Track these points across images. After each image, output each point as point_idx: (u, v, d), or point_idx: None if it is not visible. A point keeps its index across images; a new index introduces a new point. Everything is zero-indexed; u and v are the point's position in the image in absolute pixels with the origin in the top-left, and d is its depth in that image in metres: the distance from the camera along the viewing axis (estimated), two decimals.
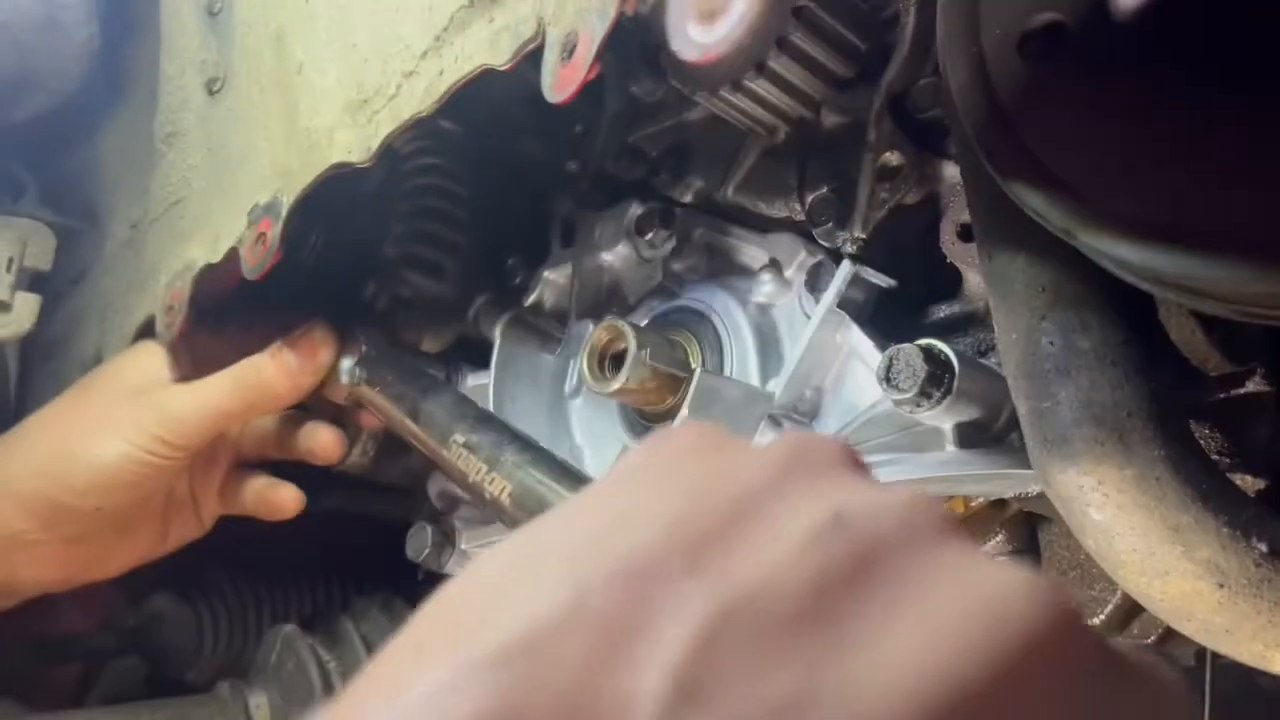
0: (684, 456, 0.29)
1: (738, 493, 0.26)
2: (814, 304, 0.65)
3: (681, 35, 0.61)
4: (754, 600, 0.23)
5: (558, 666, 0.22)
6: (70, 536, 0.85)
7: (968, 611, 0.23)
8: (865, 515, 0.25)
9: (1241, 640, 0.45)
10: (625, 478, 0.29)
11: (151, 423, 0.81)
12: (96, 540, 0.87)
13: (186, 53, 0.86)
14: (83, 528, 0.85)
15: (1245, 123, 0.35)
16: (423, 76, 0.61)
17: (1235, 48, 0.35)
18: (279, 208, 0.72)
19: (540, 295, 0.84)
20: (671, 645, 0.22)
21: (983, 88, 0.42)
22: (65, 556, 0.87)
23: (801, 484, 0.27)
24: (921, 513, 0.26)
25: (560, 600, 0.23)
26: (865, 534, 0.24)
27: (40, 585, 0.88)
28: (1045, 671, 0.23)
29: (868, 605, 0.23)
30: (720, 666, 0.22)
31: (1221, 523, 0.45)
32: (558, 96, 0.53)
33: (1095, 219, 0.38)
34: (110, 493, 0.83)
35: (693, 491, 0.26)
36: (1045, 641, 0.23)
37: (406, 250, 0.87)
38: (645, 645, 0.22)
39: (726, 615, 0.22)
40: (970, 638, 0.22)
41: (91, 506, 0.83)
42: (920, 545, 0.25)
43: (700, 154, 0.75)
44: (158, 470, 0.83)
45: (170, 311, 0.83)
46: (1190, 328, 0.50)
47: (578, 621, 0.22)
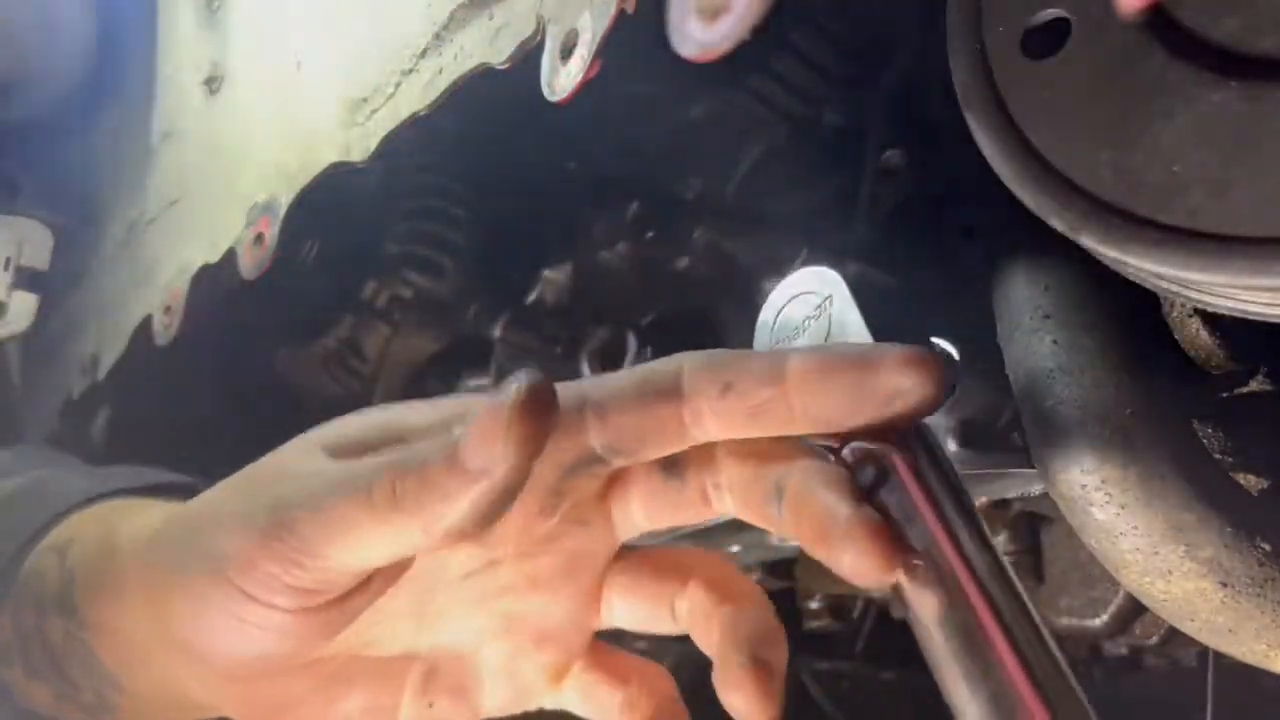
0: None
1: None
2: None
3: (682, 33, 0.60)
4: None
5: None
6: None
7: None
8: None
9: (1244, 640, 0.45)
10: None
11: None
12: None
13: (184, 51, 0.86)
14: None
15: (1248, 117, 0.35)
16: (422, 75, 0.61)
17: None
18: (277, 207, 0.72)
19: (540, 295, 0.84)
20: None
21: (985, 85, 0.41)
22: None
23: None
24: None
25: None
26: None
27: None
28: None
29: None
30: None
31: (1225, 522, 0.44)
32: (556, 95, 0.52)
33: (1099, 217, 0.38)
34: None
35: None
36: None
37: (406, 250, 0.87)
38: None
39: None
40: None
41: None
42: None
43: (701, 153, 0.75)
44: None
45: (168, 312, 0.83)
46: (1194, 326, 0.49)
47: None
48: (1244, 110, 0.35)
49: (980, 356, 0.58)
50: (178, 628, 0.46)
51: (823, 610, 0.98)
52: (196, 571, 0.44)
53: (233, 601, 0.43)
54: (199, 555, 0.45)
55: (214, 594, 0.43)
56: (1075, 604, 0.77)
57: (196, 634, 0.45)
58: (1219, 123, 0.35)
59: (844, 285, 0.46)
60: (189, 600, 0.45)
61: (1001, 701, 0.37)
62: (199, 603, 0.44)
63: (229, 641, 0.44)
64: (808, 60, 0.61)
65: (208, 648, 0.45)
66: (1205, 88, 0.36)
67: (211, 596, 0.43)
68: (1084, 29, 0.39)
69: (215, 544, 0.44)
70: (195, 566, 0.44)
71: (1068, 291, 0.48)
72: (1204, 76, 0.36)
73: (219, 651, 0.45)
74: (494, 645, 0.49)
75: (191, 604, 0.45)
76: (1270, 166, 0.34)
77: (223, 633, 0.44)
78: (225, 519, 0.44)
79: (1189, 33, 0.37)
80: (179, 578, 0.46)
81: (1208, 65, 0.36)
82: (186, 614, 0.45)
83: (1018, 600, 0.38)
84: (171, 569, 0.47)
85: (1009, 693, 0.36)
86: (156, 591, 0.48)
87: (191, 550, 0.46)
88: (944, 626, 0.39)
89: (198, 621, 0.45)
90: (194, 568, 0.45)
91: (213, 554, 0.44)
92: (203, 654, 0.46)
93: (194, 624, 0.45)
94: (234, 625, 0.44)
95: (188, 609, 0.45)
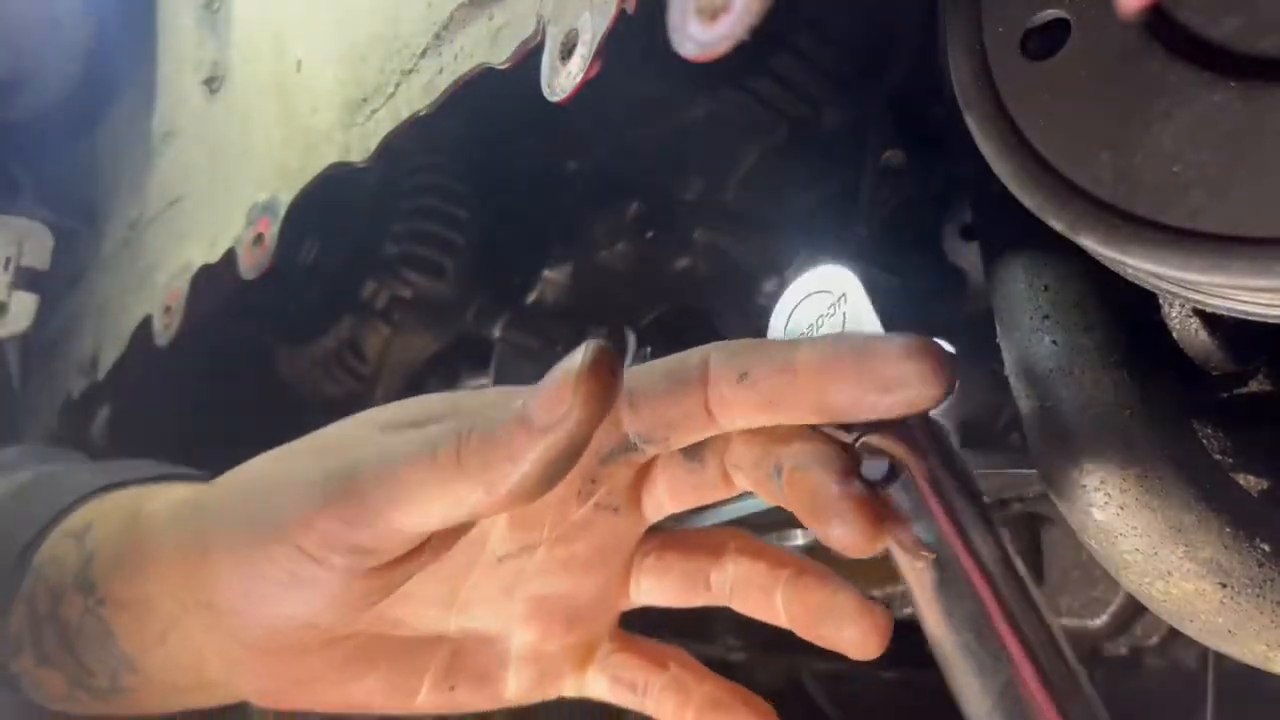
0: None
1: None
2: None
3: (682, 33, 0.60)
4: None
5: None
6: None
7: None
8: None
9: (1244, 641, 0.45)
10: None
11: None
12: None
13: (184, 51, 0.86)
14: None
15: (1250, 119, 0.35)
16: (422, 75, 0.61)
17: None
18: (277, 207, 0.72)
19: (540, 295, 0.84)
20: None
21: (985, 85, 0.41)
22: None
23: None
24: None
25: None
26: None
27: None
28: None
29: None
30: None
31: (1224, 522, 0.44)
32: (556, 95, 0.52)
33: (1098, 217, 0.38)
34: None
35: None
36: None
37: (406, 250, 0.87)
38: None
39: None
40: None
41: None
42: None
43: (701, 153, 0.75)
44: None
45: (168, 312, 0.83)
46: (1193, 327, 0.49)
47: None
48: (1244, 110, 0.35)
49: (980, 356, 0.58)
50: (220, 591, 0.46)
51: None
52: (251, 532, 0.45)
53: (290, 561, 0.43)
54: (253, 517, 0.45)
55: (269, 554, 0.44)
56: (1075, 604, 0.77)
57: (243, 597, 0.45)
58: (1219, 123, 0.35)
59: (858, 282, 0.46)
60: (238, 562, 0.45)
61: (1010, 696, 0.37)
62: (250, 564, 0.45)
63: (277, 605, 0.45)
64: (808, 60, 0.61)
65: (252, 612, 0.46)
66: (1205, 88, 0.36)
67: (266, 557, 0.44)
68: (1083, 29, 0.39)
69: (273, 506, 0.44)
70: (249, 528, 0.45)
71: (1067, 292, 0.48)
72: (1204, 76, 0.36)
73: (263, 615, 0.46)
74: (523, 630, 0.50)
75: (241, 566, 0.45)
76: (1270, 166, 0.34)
77: (272, 595, 0.45)
78: (285, 484, 0.45)
79: (1188, 33, 0.37)
80: (227, 540, 0.46)
81: (1207, 65, 0.36)
82: (234, 576, 0.45)
83: (1027, 596, 0.39)
84: (218, 532, 0.47)
85: (1018, 687, 0.37)
86: (195, 556, 0.48)
87: (244, 513, 0.46)
88: (953, 621, 0.39)
89: (246, 584, 0.45)
90: (248, 529, 0.45)
91: (270, 516, 0.44)
92: (243, 620, 0.46)
93: (241, 586, 0.45)
94: (285, 587, 0.44)
95: (235, 571, 0.45)
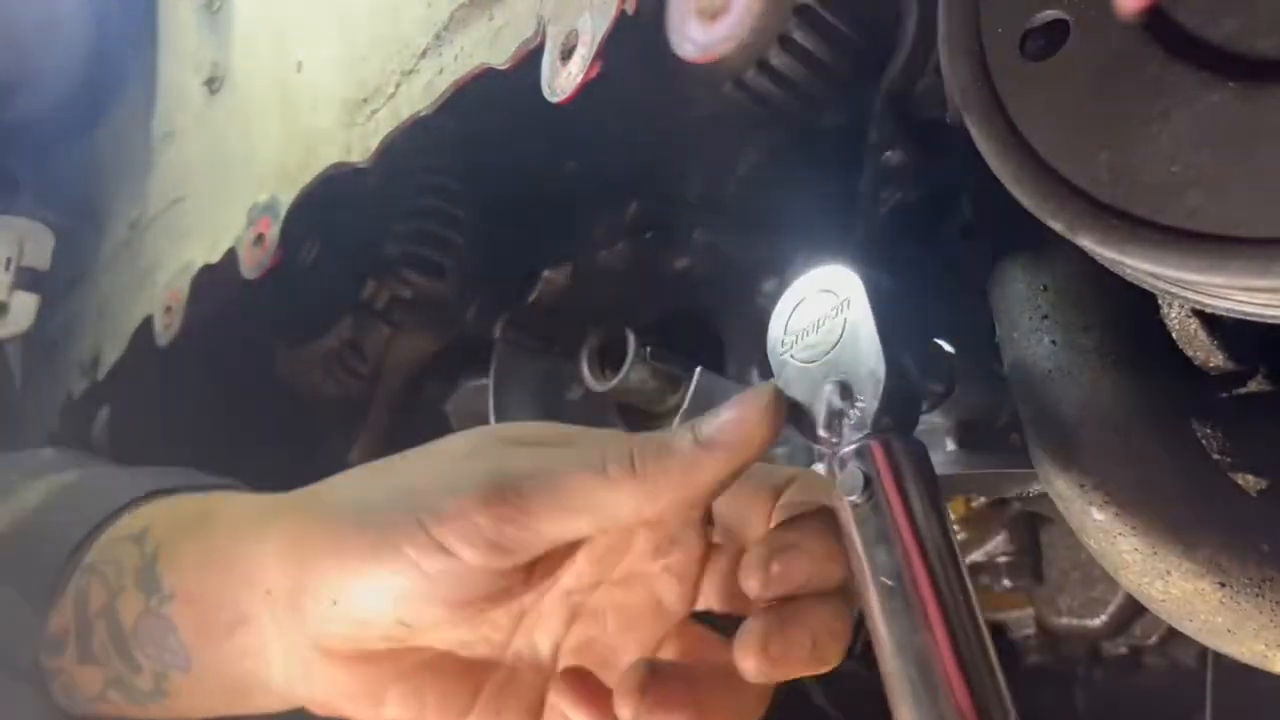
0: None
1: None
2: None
3: (682, 33, 0.60)
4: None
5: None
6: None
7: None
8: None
9: (1243, 640, 0.45)
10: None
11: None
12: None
13: (185, 51, 0.86)
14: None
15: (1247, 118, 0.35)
16: (422, 75, 0.61)
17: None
18: (278, 207, 0.72)
19: (540, 295, 0.84)
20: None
21: (984, 86, 0.42)
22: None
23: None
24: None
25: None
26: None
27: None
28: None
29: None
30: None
31: (1223, 522, 0.44)
32: (556, 96, 0.52)
33: (1097, 217, 0.38)
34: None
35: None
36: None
37: (406, 250, 0.87)
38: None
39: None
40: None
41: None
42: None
43: (701, 153, 0.75)
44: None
45: (168, 312, 0.83)
46: (1192, 327, 0.49)
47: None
48: (1243, 110, 0.35)
49: (980, 356, 0.58)
50: (328, 579, 0.48)
51: None
52: (381, 520, 0.48)
53: (418, 549, 0.46)
54: (384, 508, 0.48)
55: (397, 540, 0.46)
56: (1075, 604, 0.77)
57: (356, 583, 0.48)
58: (1218, 123, 0.35)
59: (862, 290, 0.46)
60: (361, 548, 0.48)
61: None
62: (376, 550, 0.47)
63: (381, 599, 0.47)
64: (807, 60, 0.61)
65: (352, 605, 0.48)
66: (1203, 88, 0.36)
67: (393, 543, 0.46)
68: (1082, 30, 0.39)
69: (411, 498, 0.47)
70: (381, 517, 0.48)
71: (1066, 292, 0.48)
72: (1202, 77, 0.36)
73: (361, 610, 0.48)
74: (569, 662, 0.52)
75: (365, 552, 0.47)
76: (1269, 166, 0.34)
77: (388, 583, 0.47)
78: (430, 482, 0.48)
79: (1187, 33, 0.37)
80: (353, 527, 0.49)
81: (1206, 66, 0.36)
82: (350, 561, 0.48)
83: (979, 634, 0.40)
84: (341, 521, 0.50)
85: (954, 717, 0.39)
86: (300, 552, 0.50)
87: (373, 502, 0.49)
88: (902, 651, 0.40)
89: (365, 567, 0.47)
90: (379, 517, 0.48)
91: (407, 506, 0.47)
92: (339, 614, 0.48)
93: (357, 571, 0.48)
94: (405, 576, 0.46)
95: (354, 556, 0.48)
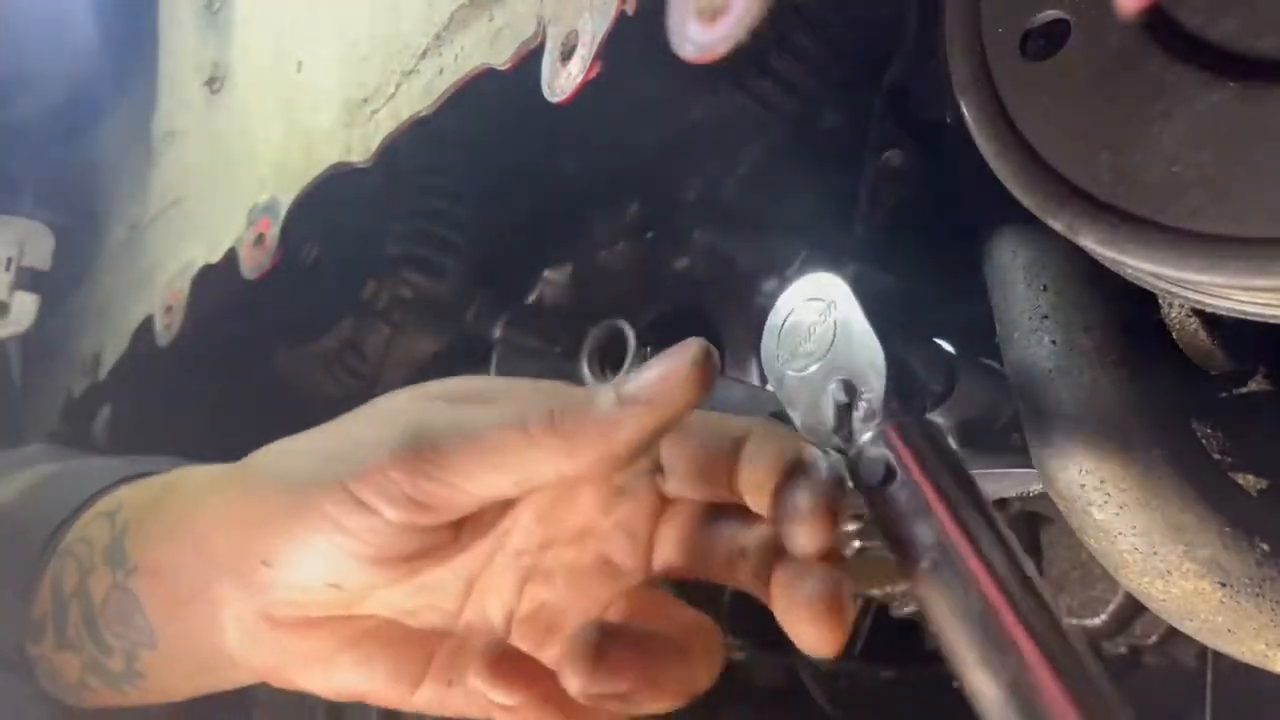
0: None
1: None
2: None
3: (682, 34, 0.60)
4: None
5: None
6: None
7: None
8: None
9: (1243, 639, 0.45)
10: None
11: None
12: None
13: (185, 51, 0.86)
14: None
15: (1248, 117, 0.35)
16: (422, 75, 0.61)
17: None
18: (278, 207, 0.72)
19: (540, 295, 0.84)
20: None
21: (985, 86, 0.42)
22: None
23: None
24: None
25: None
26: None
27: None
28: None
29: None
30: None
31: (1223, 522, 0.45)
32: (556, 96, 0.52)
33: (1098, 217, 0.38)
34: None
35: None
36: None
37: (406, 250, 0.87)
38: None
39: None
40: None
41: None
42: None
43: (701, 153, 0.75)
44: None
45: (169, 312, 0.83)
46: (1192, 326, 0.49)
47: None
48: (1243, 110, 0.35)
49: (980, 356, 0.58)
50: (255, 549, 0.48)
51: None
52: (303, 485, 0.47)
53: (338, 507, 0.45)
54: (307, 469, 0.48)
55: (318, 499, 0.46)
56: (1075, 604, 0.77)
57: (283, 545, 0.47)
58: (1218, 123, 0.35)
59: (846, 289, 0.46)
60: (285, 509, 0.47)
61: (1020, 688, 0.37)
62: (298, 510, 0.47)
63: (309, 560, 0.47)
64: (807, 60, 0.61)
65: (284, 568, 0.47)
66: (1204, 88, 0.36)
67: (314, 502, 0.46)
68: (1083, 30, 0.39)
69: (332, 458, 0.47)
70: (301, 483, 0.47)
71: (1066, 292, 0.48)
72: (1202, 77, 0.36)
73: (293, 574, 0.47)
74: (520, 631, 0.51)
75: (288, 513, 0.47)
76: (1269, 166, 0.34)
77: (309, 548, 0.46)
78: (348, 441, 0.47)
79: (1187, 33, 0.37)
80: (275, 497, 0.48)
81: (1206, 66, 0.36)
82: (274, 531, 0.47)
83: (1031, 587, 0.39)
84: (263, 491, 0.49)
85: (1029, 678, 0.37)
86: (235, 518, 0.50)
87: (297, 466, 0.49)
88: (958, 617, 0.39)
89: (286, 537, 0.47)
90: (300, 484, 0.47)
91: (327, 466, 0.46)
92: (272, 578, 0.48)
93: (280, 540, 0.47)
94: (328, 535, 0.46)
95: (278, 526, 0.47)
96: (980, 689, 0.38)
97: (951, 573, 0.39)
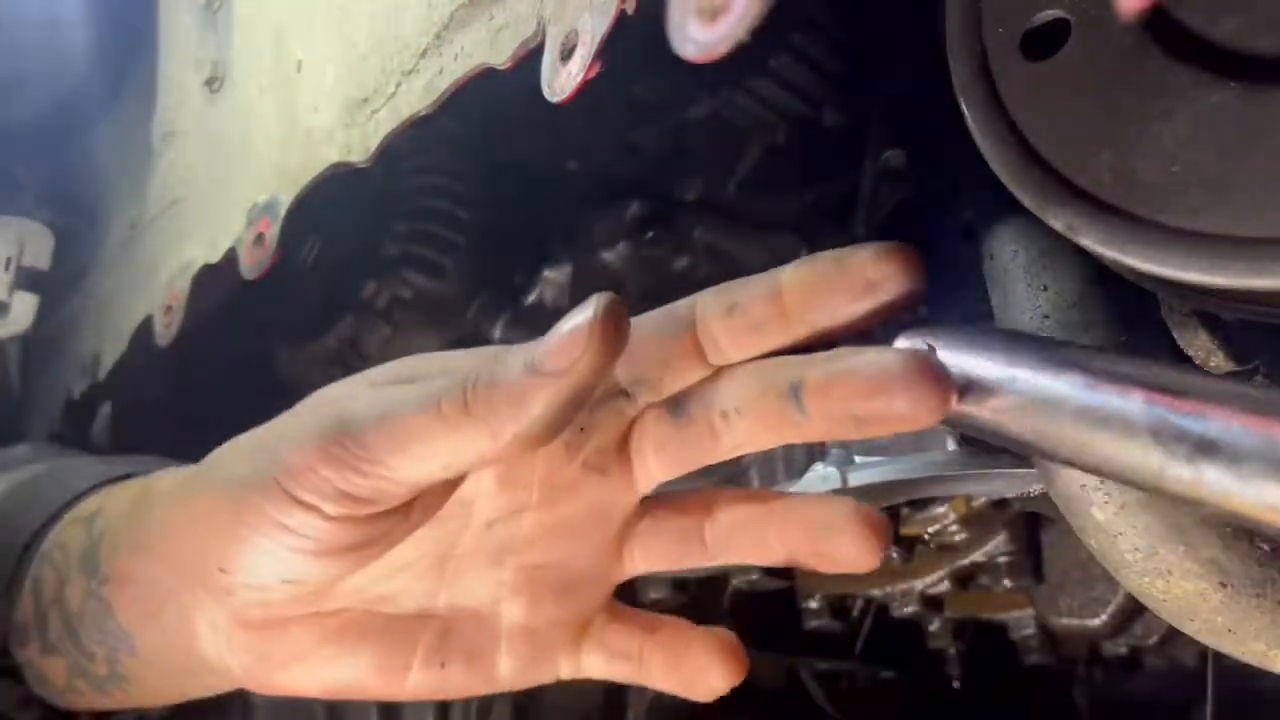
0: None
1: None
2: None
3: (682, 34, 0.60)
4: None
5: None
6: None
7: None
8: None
9: (1244, 640, 0.45)
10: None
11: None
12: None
13: (185, 50, 0.86)
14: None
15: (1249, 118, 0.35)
16: (422, 75, 0.61)
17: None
18: (278, 207, 0.72)
19: (540, 295, 0.84)
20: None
21: (985, 86, 0.41)
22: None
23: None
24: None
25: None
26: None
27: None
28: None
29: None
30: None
31: (1224, 522, 0.44)
32: (556, 96, 0.52)
33: (1098, 217, 0.38)
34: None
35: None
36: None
37: (406, 250, 0.87)
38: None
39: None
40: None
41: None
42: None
43: (701, 153, 0.75)
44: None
45: (168, 312, 0.83)
46: (1193, 327, 0.49)
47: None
48: (1243, 110, 0.35)
49: None
50: (210, 554, 0.46)
51: (822, 610, 0.98)
52: (241, 486, 0.45)
53: (279, 510, 0.44)
54: (248, 469, 0.46)
55: (258, 501, 0.44)
56: (1075, 604, 0.77)
57: (231, 557, 0.46)
58: (1218, 123, 0.35)
59: None
60: (230, 512, 0.46)
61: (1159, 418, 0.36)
62: (238, 518, 0.45)
63: (263, 561, 0.45)
64: (808, 60, 0.61)
65: (240, 572, 0.46)
66: (1204, 88, 0.36)
67: (254, 509, 0.44)
68: (1083, 30, 0.39)
69: (267, 456, 0.45)
70: (240, 483, 0.46)
71: (1066, 292, 0.48)
72: (1203, 77, 0.36)
73: (250, 576, 0.46)
74: (513, 602, 0.49)
75: (230, 523, 0.45)
76: (1270, 166, 0.34)
77: (259, 550, 0.45)
78: (277, 439, 0.46)
79: (1188, 33, 0.37)
80: (219, 499, 0.47)
81: (1207, 65, 0.36)
82: (224, 536, 0.46)
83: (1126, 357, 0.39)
84: (209, 494, 0.48)
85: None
86: (190, 524, 0.48)
87: (239, 467, 0.47)
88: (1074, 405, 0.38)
89: (234, 542, 0.45)
90: (239, 484, 0.46)
91: (264, 466, 0.45)
92: (231, 582, 0.46)
93: (230, 545, 0.46)
94: (272, 539, 0.44)
95: (225, 530, 0.46)
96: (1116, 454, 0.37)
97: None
